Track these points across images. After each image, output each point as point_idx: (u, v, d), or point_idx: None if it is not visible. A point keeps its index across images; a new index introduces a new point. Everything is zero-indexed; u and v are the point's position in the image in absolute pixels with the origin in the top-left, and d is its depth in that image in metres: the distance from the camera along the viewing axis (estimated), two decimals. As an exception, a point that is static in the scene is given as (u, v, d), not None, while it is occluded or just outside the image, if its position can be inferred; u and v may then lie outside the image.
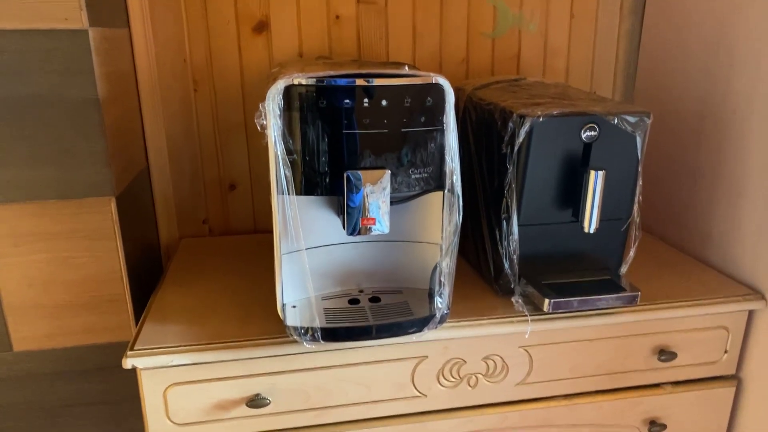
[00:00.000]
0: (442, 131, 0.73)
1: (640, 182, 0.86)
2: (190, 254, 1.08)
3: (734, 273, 0.97)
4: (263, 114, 0.68)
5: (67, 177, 0.82)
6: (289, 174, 0.71)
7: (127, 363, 0.74)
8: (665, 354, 0.91)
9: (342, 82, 0.69)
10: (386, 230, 0.74)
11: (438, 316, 0.77)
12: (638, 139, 0.82)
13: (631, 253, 0.88)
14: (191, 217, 1.16)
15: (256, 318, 0.83)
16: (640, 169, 0.85)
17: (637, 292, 0.84)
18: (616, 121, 0.81)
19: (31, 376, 0.89)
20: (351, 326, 0.75)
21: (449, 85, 0.72)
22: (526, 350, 0.87)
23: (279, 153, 0.69)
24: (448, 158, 0.74)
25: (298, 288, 0.79)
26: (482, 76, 1.19)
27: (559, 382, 0.90)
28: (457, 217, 0.75)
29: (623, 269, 0.90)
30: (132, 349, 0.75)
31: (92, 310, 0.89)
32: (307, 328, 0.73)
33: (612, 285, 0.86)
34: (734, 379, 0.97)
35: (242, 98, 1.12)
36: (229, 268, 1.01)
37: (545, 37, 1.20)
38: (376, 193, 0.72)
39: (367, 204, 0.72)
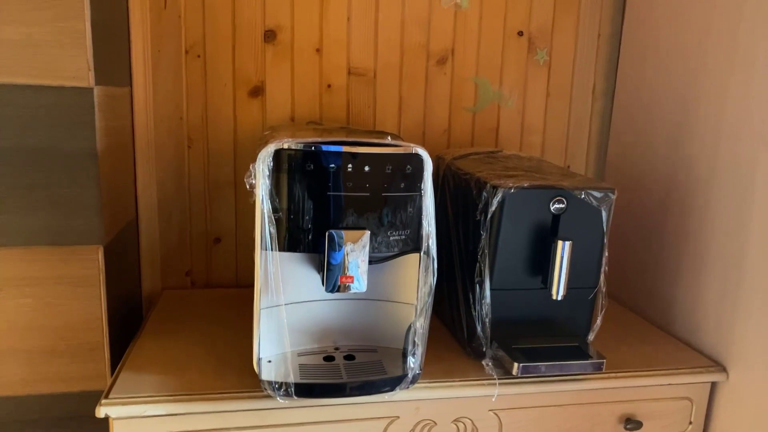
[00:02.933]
0: (420, 196, 0.78)
1: (606, 253, 0.90)
2: (171, 305, 1.09)
3: (697, 343, 1.01)
4: (253, 174, 0.73)
5: (60, 224, 0.85)
6: (273, 230, 0.74)
7: (101, 411, 0.74)
8: (631, 423, 0.93)
9: (329, 148, 0.74)
10: (364, 289, 0.77)
11: (410, 375, 0.79)
12: (604, 213, 0.88)
13: (598, 321, 0.92)
14: (175, 268, 1.18)
15: (232, 371, 0.84)
16: (605, 240, 0.90)
17: (602, 359, 0.87)
18: (583, 195, 0.87)
19: (4, 424, 0.88)
20: (324, 383, 0.76)
21: (428, 155, 0.77)
22: (495, 414, 0.89)
23: (265, 210, 0.73)
24: (425, 222, 0.79)
25: (274, 343, 0.81)
26: (463, 146, 1.26)
27: (529, 447, 0.91)
28: (432, 279, 0.79)
29: (591, 336, 0.93)
30: (106, 397, 0.76)
31: (70, 357, 0.89)
32: (282, 383, 0.75)
33: (579, 352, 0.89)
34: (700, 450, 0.98)
35: (234, 157, 1.17)
36: (208, 320, 1.03)
37: (522, 114, 1.28)
38: (356, 252, 0.76)
39: (346, 262, 0.76)
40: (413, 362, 0.79)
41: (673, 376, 0.93)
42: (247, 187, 0.73)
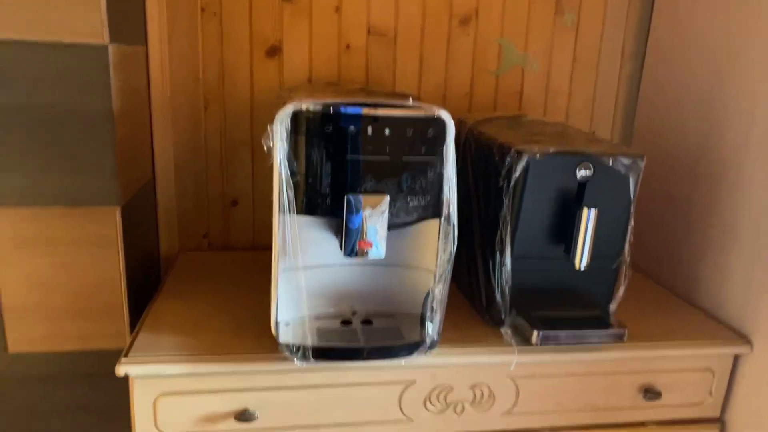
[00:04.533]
0: (441, 162, 0.76)
1: (632, 222, 0.88)
2: (189, 267, 1.10)
3: (721, 316, 0.99)
4: (270, 136, 0.71)
5: (76, 185, 0.85)
6: (291, 194, 0.73)
7: (121, 370, 0.75)
8: (650, 393, 0.92)
9: (349, 110, 0.72)
10: (382, 255, 0.76)
11: (428, 342, 0.78)
12: (631, 181, 0.85)
13: (621, 292, 0.90)
14: (192, 230, 1.18)
15: (249, 333, 0.85)
16: (632, 209, 0.87)
17: (624, 329, 0.85)
18: (610, 162, 0.84)
19: (24, 379, 0.90)
20: (342, 347, 0.76)
21: (451, 119, 0.75)
22: (513, 381, 0.88)
23: (283, 173, 0.72)
24: (446, 188, 0.77)
25: (292, 306, 0.81)
26: (485, 111, 1.22)
27: (545, 414, 0.91)
28: (452, 246, 0.77)
29: (612, 306, 0.91)
30: (126, 356, 0.77)
31: (89, 316, 0.90)
32: (299, 346, 0.75)
33: (600, 321, 0.87)
34: (718, 422, 0.97)
35: (250, 118, 1.15)
36: (226, 282, 1.03)
37: (547, 78, 1.24)
38: (375, 217, 0.75)
39: (365, 227, 0.75)
40: (431, 328, 0.79)
41: (695, 347, 0.91)
42: (265, 149, 0.71)
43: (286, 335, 0.77)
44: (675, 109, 1.12)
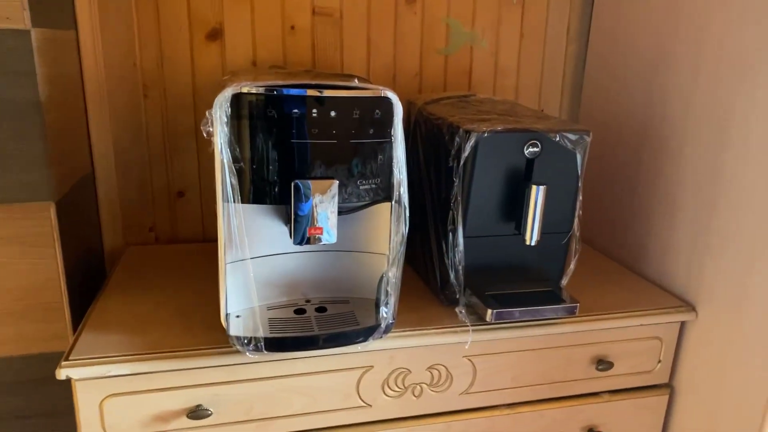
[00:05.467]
0: (390, 143, 0.75)
1: (580, 197, 0.89)
2: (135, 262, 1.05)
3: (668, 285, 1.02)
4: (210, 121, 0.68)
5: (3, 181, 0.80)
6: (235, 182, 0.70)
7: (61, 374, 0.71)
8: (603, 363, 0.94)
9: (291, 91, 0.69)
10: (334, 240, 0.75)
11: (383, 325, 0.77)
12: (578, 156, 0.86)
13: (572, 266, 0.91)
14: (137, 224, 1.13)
15: (199, 328, 0.82)
16: (580, 184, 0.88)
17: (576, 303, 0.87)
18: (557, 138, 0.84)
19: (-43, 388, 0.85)
20: (295, 336, 0.75)
21: (398, 99, 0.73)
22: (470, 360, 0.89)
23: (225, 161, 0.69)
24: (395, 170, 0.76)
25: (243, 298, 0.79)
26: (435, 91, 1.21)
27: (502, 391, 0.92)
28: (404, 228, 0.77)
29: (564, 281, 0.93)
30: (67, 359, 0.73)
31: (28, 318, 0.85)
32: (250, 338, 0.73)
33: (552, 296, 0.89)
34: (667, 387, 1.01)
35: (194, 105, 1.10)
36: (174, 276, 0.99)
37: (496, 56, 1.24)
38: (325, 203, 0.73)
39: (315, 214, 0.73)
40: (386, 312, 0.78)
41: (645, 317, 0.94)
42: (205, 135, 0.68)
43: (236, 328, 0.75)
44: (619, 87, 1.14)
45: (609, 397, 0.98)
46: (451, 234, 0.86)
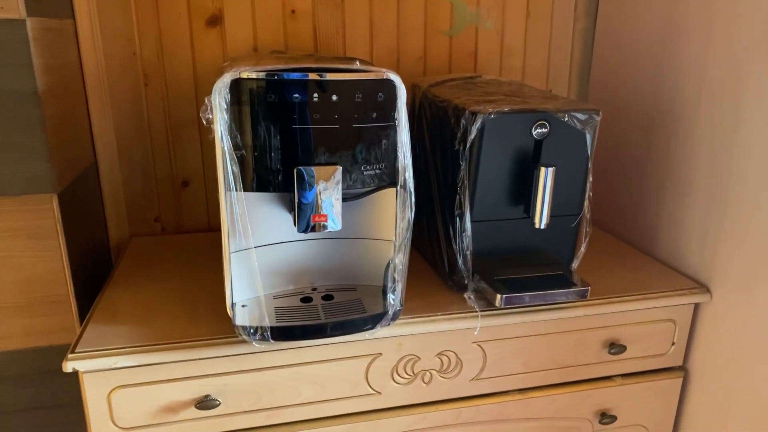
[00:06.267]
0: (394, 127, 0.73)
1: (590, 178, 0.87)
2: (141, 253, 1.05)
3: (681, 267, 1.00)
4: (209, 108, 0.67)
5: (5, 173, 0.79)
6: (236, 170, 0.69)
7: (68, 366, 0.71)
8: (615, 347, 0.93)
9: (291, 76, 0.68)
10: (339, 227, 0.73)
11: (391, 312, 0.76)
12: (588, 136, 0.84)
13: (582, 248, 0.90)
14: (142, 214, 1.13)
15: (206, 318, 0.81)
16: (590, 165, 0.86)
17: (587, 286, 0.85)
18: (566, 118, 0.82)
19: (-34, 382, 0.85)
20: (301, 325, 0.74)
21: (401, 81, 0.71)
22: (479, 345, 0.87)
23: (226, 148, 0.68)
24: (400, 154, 0.74)
25: (248, 287, 0.78)
26: (440, 73, 1.19)
27: (513, 376, 0.91)
28: (410, 214, 0.75)
29: (575, 264, 0.91)
30: (73, 351, 0.72)
31: (34, 311, 0.85)
32: (257, 327, 0.72)
33: (563, 280, 0.87)
34: (681, 370, 0.99)
35: (195, 93, 1.09)
36: (180, 267, 0.98)
37: (502, 36, 1.21)
38: (329, 190, 0.71)
39: (319, 201, 0.71)
40: (393, 299, 0.77)
41: (658, 299, 0.92)
42: (204, 122, 0.66)
43: (242, 317, 0.74)
44: (629, 65, 1.11)
45: (621, 380, 0.96)
46: (458, 219, 0.84)
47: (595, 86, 1.23)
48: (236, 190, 0.70)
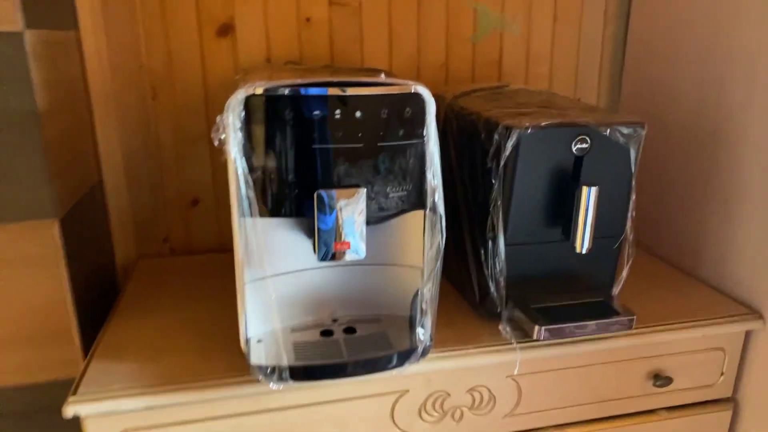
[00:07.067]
0: (422, 145, 0.66)
1: (633, 197, 0.80)
2: (149, 276, 0.99)
3: (729, 290, 0.92)
4: (222, 127, 0.61)
5: (2, 198, 0.73)
6: (252, 194, 0.63)
7: (69, 411, 0.65)
8: (661, 379, 0.85)
9: (311, 91, 0.61)
10: (362, 255, 0.67)
11: (420, 349, 0.70)
12: (632, 152, 0.77)
13: (624, 273, 0.83)
14: (151, 235, 1.07)
15: (219, 352, 0.75)
16: (633, 183, 0.79)
17: (632, 315, 0.78)
18: (608, 132, 0.75)
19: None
20: (323, 364, 0.67)
21: (430, 94, 0.65)
22: (514, 380, 0.80)
23: (240, 171, 0.61)
24: (429, 174, 0.67)
25: (264, 319, 0.71)
26: (462, 82, 1.13)
27: (550, 411, 0.84)
28: (440, 239, 0.68)
29: (616, 289, 0.84)
30: (75, 393, 0.66)
31: (35, 344, 0.79)
32: (274, 367, 0.65)
33: (606, 308, 0.80)
34: (731, 401, 0.92)
35: (205, 107, 1.03)
36: (190, 292, 0.92)
37: (527, 42, 1.14)
38: (352, 215, 0.65)
39: (341, 226, 0.65)
40: (423, 333, 0.70)
41: (707, 327, 0.84)
42: (215, 143, 0.60)
43: (258, 355, 0.68)
44: (666, 71, 1.04)
45: (667, 414, 0.89)
46: (490, 242, 0.77)
47: (628, 95, 1.15)
48: (251, 216, 0.64)
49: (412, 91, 0.64)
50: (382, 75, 0.66)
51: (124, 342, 0.78)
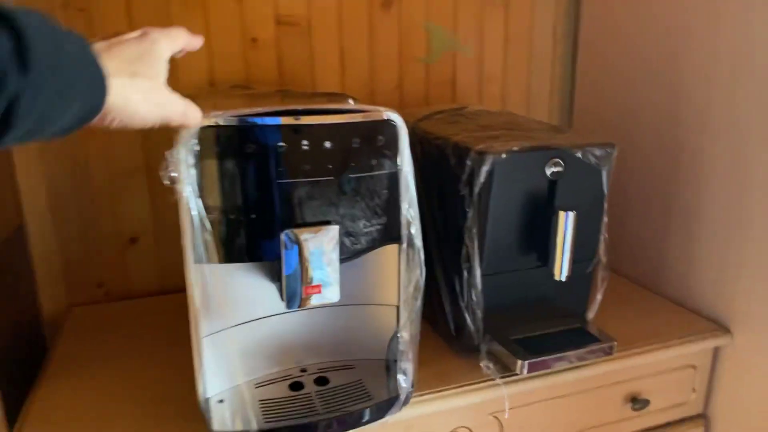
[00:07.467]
0: (396, 175, 0.61)
1: (605, 219, 0.78)
2: (82, 328, 0.87)
3: (695, 307, 0.92)
4: (171, 164, 0.53)
5: None
6: (209, 238, 0.55)
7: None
8: (639, 402, 0.83)
9: (273, 120, 0.55)
10: (336, 298, 0.61)
11: (402, 397, 0.64)
12: (604, 173, 0.75)
13: (599, 297, 0.80)
14: (82, 280, 0.95)
15: (172, 418, 0.66)
16: (605, 205, 0.77)
17: (612, 341, 0.76)
18: (581, 154, 0.73)
19: None
20: (296, 425, 0.60)
21: (402, 121, 0.60)
22: (495, 417, 0.76)
23: (195, 213, 0.54)
24: (404, 205, 0.62)
25: (224, 375, 0.63)
26: (417, 104, 1.09)
27: (532, 447, 0.80)
28: (420, 275, 0.63)
29: (590, 314, 0.82)
30: (-2, 484, 0.56)
31: (-56, 422, 0.67)
32: (241, 432, 0.58)
33: (584, 335, 0.77)
34: (702, 418, 0.91)
35: (141, 137, 0.94)
36: (133, 344, 0.82)
37: (480, 62, 1.12)
38: (321, 255, 0.59)
39: (309, 269, 0.58)
40: (405, 380, 0.64)
41: (680, 346, 0.83)
42: (165, 181, 0.53)
43: (221, 419, 0.59)
44: (618, 88, 1.04)
45: (644, 437, 0.87)
46: (466, 272, 0.73)
47: (580, 112, 1.16)
48: (208, 262, 0.56)
49: (384, 117, 0.59)
50: (351, 101, 0.61)
51: (56, 411, 0.67)
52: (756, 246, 0.82)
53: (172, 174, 0.53)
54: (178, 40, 0.47)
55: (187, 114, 0.46)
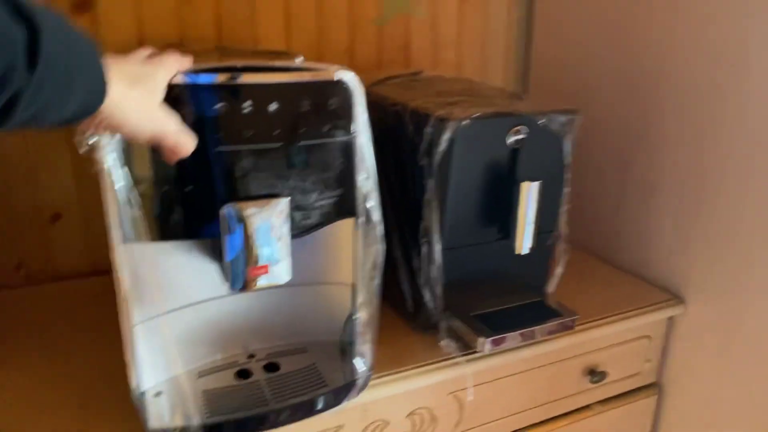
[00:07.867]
0: (352, 142, 0.56)
1: (567, 189, 0.75)
2: (0, 315, 0.78)
3: (650, 277, 0.92)
4: (89, 130, 0.45)
5: None
6: (137, 213, 0.48)
7: None
8: (596, 375, 0.83)
9: (210, 78, 0.48)
10: (287, 278, 0.55)
11: (360, 381, 0.59)
12: (567, 142, 0.72)
13: (559, 270, 0.78)
14: (-2, 262, 0.85)
15: (104, 413, 0.59)
16: (567, 175, 0.74)
17: (574, 315, 0.74)
18: (543, 121, 0.69)
19: None
20: (243, 417, 0.54)
21: (358, 82, 0.54)
22: (455, 396, 0.73)
23: (119, 186, 0.47)
24: (361, 176, 0.57)
25: (161, 365, 0.57)
26: (369, 69, 1.03)
27: (492, 424, 0.78)
28: (379, 252, 0.58)
29: (551, 287, 0.79)
30: None
31: None
32: (182, 428, 0.52)
33: (545, 309, 0.75)
34: (655, 387, 0.92)
35: (62, 100, 0.83)
36: (57, 332, 0.74)
37: (435, 26, 1.07)
38: (270, 230, 0.53)
39: (255, 247, 0.52)
40: (363, 363, 0.60)
41: (636, 318, 0.83)
42: (80, 150, 0.45)
43: (158, 414, 0.53)
44: (576, 55, 1.01)
45: (600, 408, 0.87)
46: (425, 247, 0.69)
47: (537, 79, 1.12)
48: (138, 241, 0.49)
49: (336, 78, 0.53)
50: (300, 58, 0.54)
51: (-33, 412, 0.59)
52: (710, 217, 0.81)
53: (91, 141, 0.45)
54: (177, 67, 0.48)
55: (180, 138, 0.45)
